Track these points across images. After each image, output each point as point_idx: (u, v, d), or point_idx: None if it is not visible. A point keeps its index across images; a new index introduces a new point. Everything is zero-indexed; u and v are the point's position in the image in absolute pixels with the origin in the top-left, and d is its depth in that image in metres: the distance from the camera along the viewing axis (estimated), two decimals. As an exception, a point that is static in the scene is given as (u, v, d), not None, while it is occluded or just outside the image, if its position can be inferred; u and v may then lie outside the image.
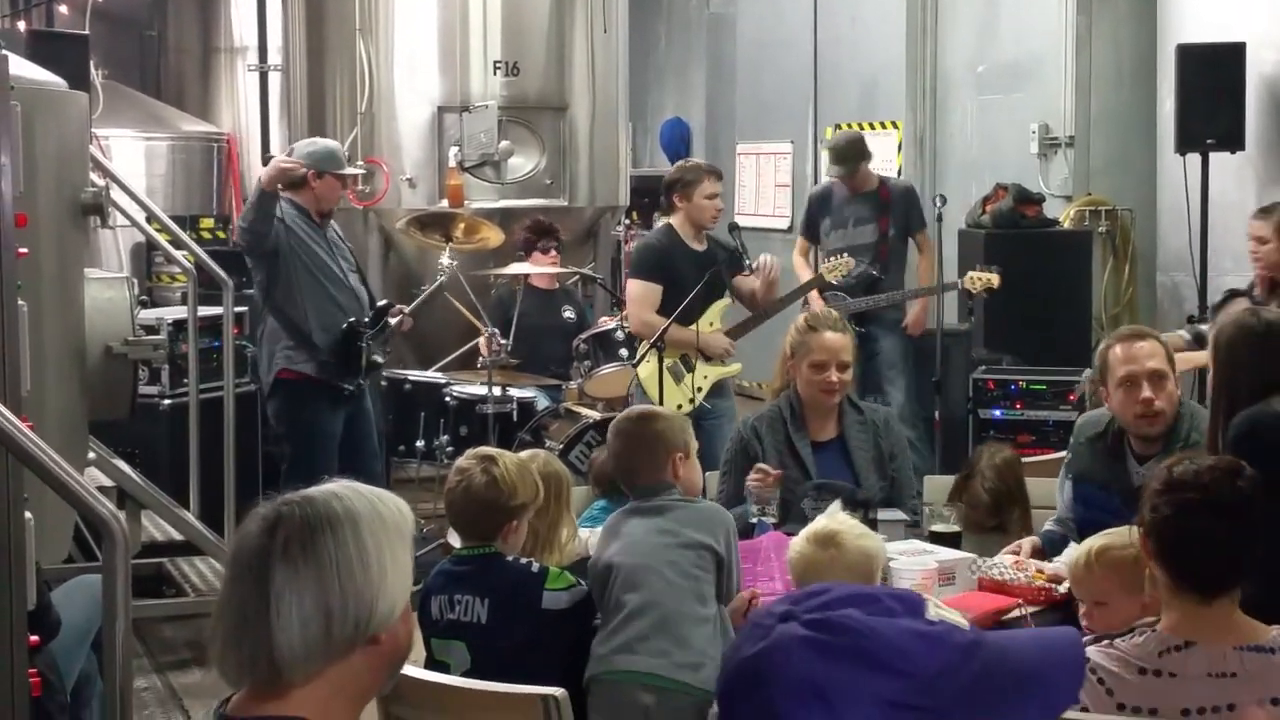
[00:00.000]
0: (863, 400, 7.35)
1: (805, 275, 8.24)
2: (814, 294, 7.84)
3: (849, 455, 4.86)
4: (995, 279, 7.60)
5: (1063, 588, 3.91)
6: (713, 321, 7.00)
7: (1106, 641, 3.00)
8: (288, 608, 2.08)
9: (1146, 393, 4.31)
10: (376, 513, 2.17)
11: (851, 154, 8.28)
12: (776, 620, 2.60)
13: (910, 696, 2.48)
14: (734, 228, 7.17)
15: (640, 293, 6.96)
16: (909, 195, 8.46)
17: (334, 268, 6.94)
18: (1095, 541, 3.54)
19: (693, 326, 6.87)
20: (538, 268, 7.96)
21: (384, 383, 7.71)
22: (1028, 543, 4.44)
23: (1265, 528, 3.43)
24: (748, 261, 6.95)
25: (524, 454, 4.18)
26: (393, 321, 7.02)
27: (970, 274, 7.71)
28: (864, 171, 8.34)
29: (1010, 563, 4.26)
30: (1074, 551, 3.65)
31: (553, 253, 8.11)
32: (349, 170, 7.12)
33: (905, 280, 8.47)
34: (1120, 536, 3.45)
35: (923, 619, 2.61)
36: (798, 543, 3.64)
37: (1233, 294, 6.95)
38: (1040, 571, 4.16)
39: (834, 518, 3.66)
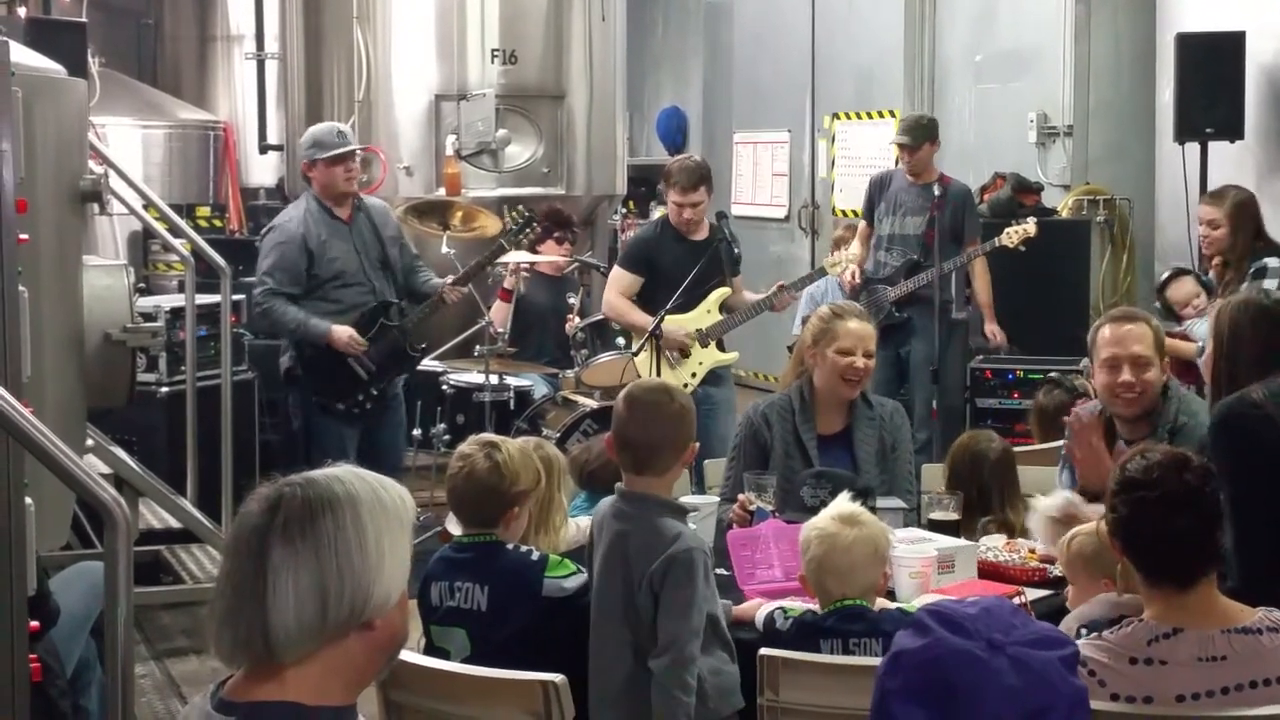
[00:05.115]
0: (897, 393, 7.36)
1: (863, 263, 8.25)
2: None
3: (853, 450, 4.76)
4: (1032, 227, 7.69)
5: (1056, 569, 3.93)
6: (710, 309, 7.01)
7: (1095, 634, 3.04)
8: (284, 587, 2.08)
9: (1125, 376, 4.34)
10: (378, 498, 2.17)
11: (919, 128, 8.18)
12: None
13: None
14: (721, 216, 7.16)
15: (613, 277, 7.11)
16: (965, 197, 8.23)
17: (349, 269, 6.98)
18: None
19: (689, 314, 6.92)
20: (543, 256, 7.94)
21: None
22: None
23: (1238, 513, 3.45)
24: (737, 252, 7.01)
25: (519, 440, 4.18)
26: (449, 296, 7.10)
27: (1006, 230, 7.74)
28: (927, 154, 8.16)
29: (1003, 544, 4.27)
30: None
31: (566, 244, 8.14)
32: (334, 152, 6.94)
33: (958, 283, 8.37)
34: None
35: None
36: (821, 521, 3.65)
37: (1179, 271, 7.02)
38: (1032, 552, 4.18)
39: (846, 503, 3.73)
